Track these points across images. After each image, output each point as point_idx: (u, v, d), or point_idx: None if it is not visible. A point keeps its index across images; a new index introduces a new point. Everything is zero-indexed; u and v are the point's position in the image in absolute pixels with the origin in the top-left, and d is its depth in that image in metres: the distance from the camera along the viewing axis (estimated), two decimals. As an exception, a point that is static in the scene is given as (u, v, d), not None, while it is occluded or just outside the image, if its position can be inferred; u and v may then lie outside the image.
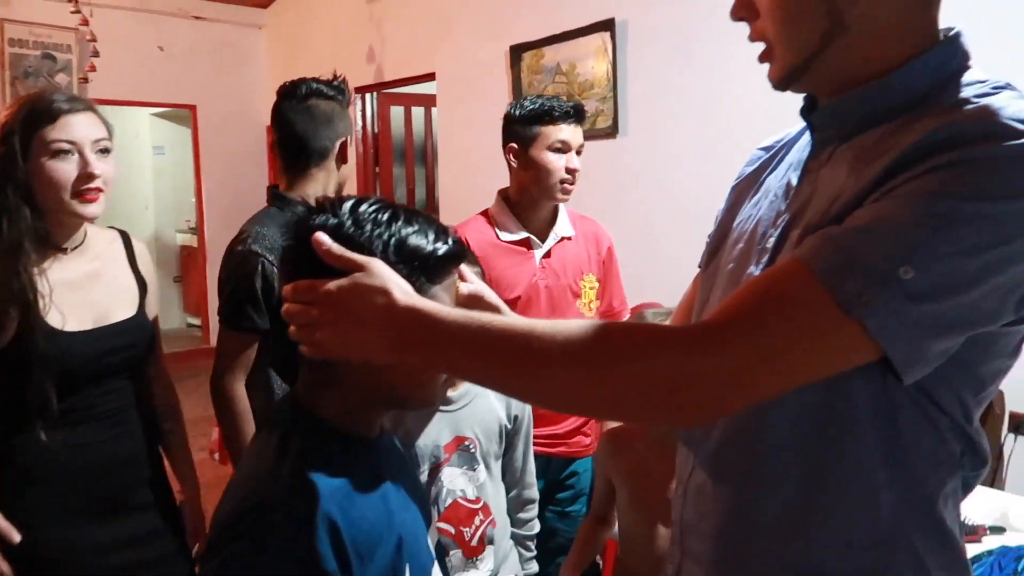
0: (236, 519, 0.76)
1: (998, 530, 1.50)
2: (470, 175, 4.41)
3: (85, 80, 4.93)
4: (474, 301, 0.94)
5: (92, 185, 1.35)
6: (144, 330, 1.47)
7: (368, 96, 5.23)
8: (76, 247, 1.42)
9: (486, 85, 4.18)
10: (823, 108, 0.81)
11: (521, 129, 1.93)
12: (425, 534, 0.95)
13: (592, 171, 3.71)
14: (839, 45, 0.74)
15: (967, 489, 0.78)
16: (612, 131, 3.53)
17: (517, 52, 3.93)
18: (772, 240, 0.80)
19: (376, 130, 5.33)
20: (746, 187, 0.96)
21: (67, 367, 1.31)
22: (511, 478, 1.58)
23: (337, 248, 0.77)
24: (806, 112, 0.84)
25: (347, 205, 0.84)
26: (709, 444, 0.82)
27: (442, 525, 1.42)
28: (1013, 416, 2.42)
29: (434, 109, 4.89)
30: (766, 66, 0.81)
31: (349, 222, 0.82)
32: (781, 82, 0.80)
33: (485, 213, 2.05)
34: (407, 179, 5.57)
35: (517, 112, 1.95)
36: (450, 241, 0.87)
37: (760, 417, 0.74)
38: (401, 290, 0.74)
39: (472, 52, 4.26)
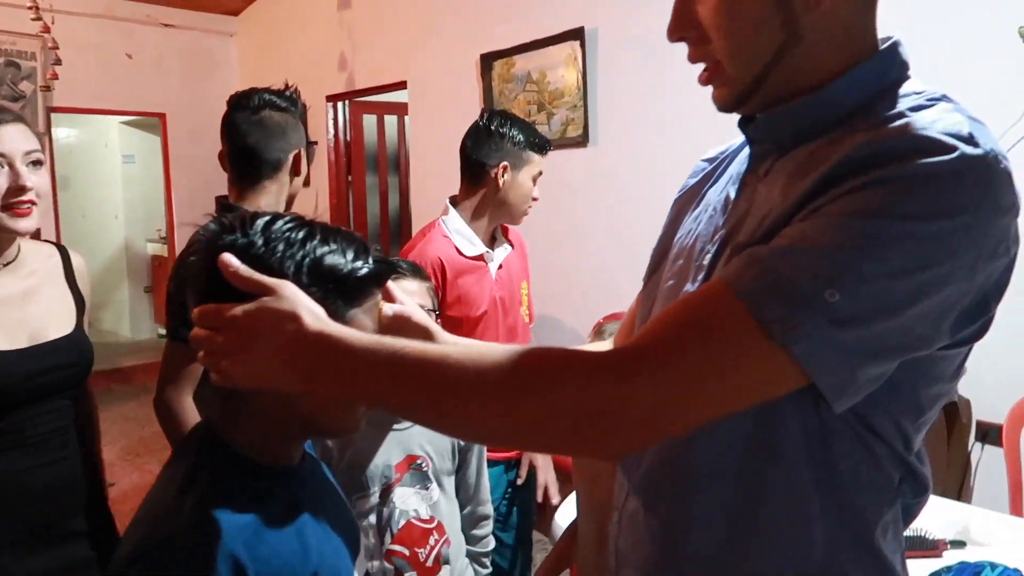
0: (134, 558, 0.72)
1: (958, 544, 1.48)
2: (442, 184, 4.36)
3: (47, 88, 4.84)
4: (401, 323, 0.90)
5: (24, 198, 1.31)
6: (83, 348, 1.42)
7: (340, 104, 5.19)
8: (9, 263, 1.37)
9: (457, 93, 4.15)
10: (759, 121, 0.78)
11: (519, 152, 1.96)
12: (350, 566, 0.91)
13: (563, 180, 3.71)
14: (790, 58, 0.70)
15: (908, 517, 0.76)
16: (583, 140, 3.52)
17: (488, 61, 3.91)
18: (708, 257, 0.77)
19: (348, 139, 5.28)
20: (687, 200, 0.93)
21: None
22: (464, 495, 1.55)
23: (245, 270, 0.73)
24: (743, 124, 0.81)
25: (259, 223, 0.79)
26: (641, 470, 0.79)
27: (396, 547, 1.38)
28: (980, 425, 2.42)
29: (407, 118, 4.85)
30: None
31: (260, 241, 0.77)
32: (731, 104, 0.76)
33: (438, 227, 2.01)
34: (380, 188, 5.53)
35: (520, 135, 1.96)
36: (371, 260, 0.83)
37: (688, 445, 0.71)
38: (312, 315, 0.70)
39: (443, 60, 4.24)
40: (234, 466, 0.81)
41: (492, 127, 1.97)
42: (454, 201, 2.03)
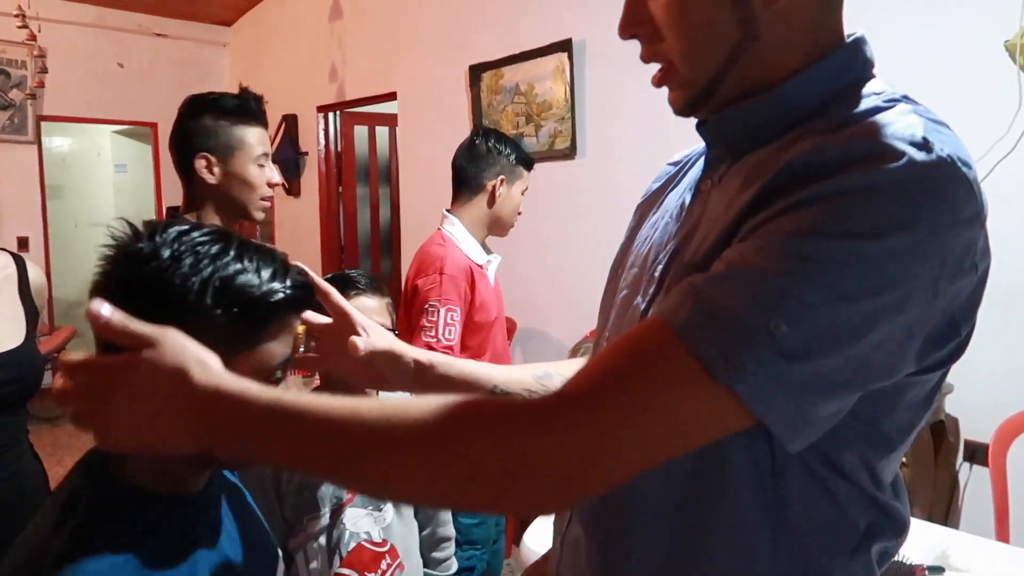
0: None
1: (937, 570, 1.43)
2: (431, 194, 4.34)
3: (32, 96, 4.82)
4: (385, 358, 0.86)
5: None
6: (31, 362, 1.37)
7: (331, 115, 5.17)
8: None
9: (446, 104, 4.12)
10: (710, 123, 0.72)
11: (512, 167, 2.07)
12: None
13: (550, 193, 3.68)
14: (748, 57, 0.65)
15: (885, 558, 0.68)
16: (570, 152, 3.49)
17: (476, 72, 3.88)
18: (660, 268, 0.71)
19: (339, 149, 5.25)
20: (649, 206, 0.87)
21: None
22: (424, 516, 1.49)
23: (119, 320, 0.62)
24: (700, 127, 0.75)
25: (172, 231, 0.73)
26: None
27: (344, 571, 1.32)
28: (968, 444, 2.37)
29: (398, 129, 4.83)
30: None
31: (167, 252, 0.71)
32: (686, 107, 0.71)
33: (449, 238, 2.06)
34: (371, 199, 5.50)
35: (513, 152, 2.08)
36: (288, 283, 0.77)
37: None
38: (202, 367, 0.61)
39: (432, 71, 4.21)
40: (118, 496, 0.74)
41: (489, 143, 2.06)
42: (452, 213, 2.10)
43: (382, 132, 5.36)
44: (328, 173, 5.25)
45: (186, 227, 0.75)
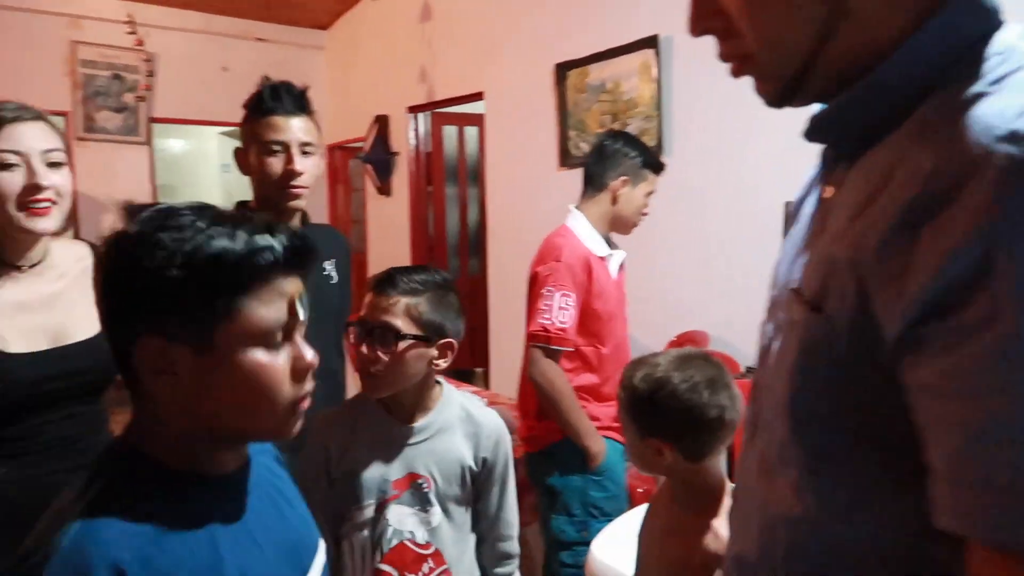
0: (9, 568, 0.68)
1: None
2: (517, 193, 4.33)
3: (141, 99, 5.09)
4: None
5: (41, 196, 1.28)
6: (108, 352, 1.41)
7: (421, 115, 5.23)
8: (34, 265, 1.35)
9: (533, 104, 4.09)
10: (812, 120, 0.64)
11: (643, 171, 2.12)
12: None
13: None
14: (840, 36, 0.58)
15: None
16: (657, 151, 3.38)
17: (562, 70, 3.83)
18: (782, 314, 0.66)
19: (429, 149, 5.31)
20: (793, 214, 0.78)
21: (10, 391, 1.25)
22: (484, 528, 1.44)
23: None
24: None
25: (151, 211, 0.74)
26: None
27: (384, 567, 1.31)
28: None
29: (485, 128, 4.84)
30: None
31: (145, 232, 0.72)
32: (777, 99, 0.64)
33: (570, 231, 2.12)
34: (460, 199, 5.54)
35: (639, 155, 2.13)
36: (259, 241, 0.74)
37: None
38: None
39: (519, 71, 4.19)
40: (141, 472, 0.75)
41: (616, 145, 2.14)
42: (577, 209, 2.17)
43: (471, 132, 5.38)
44: (418, 173, 5.32)
45: (166, 205, 0.75)
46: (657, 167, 2.18)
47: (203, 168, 7.63)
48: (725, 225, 3.15)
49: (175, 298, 0.71)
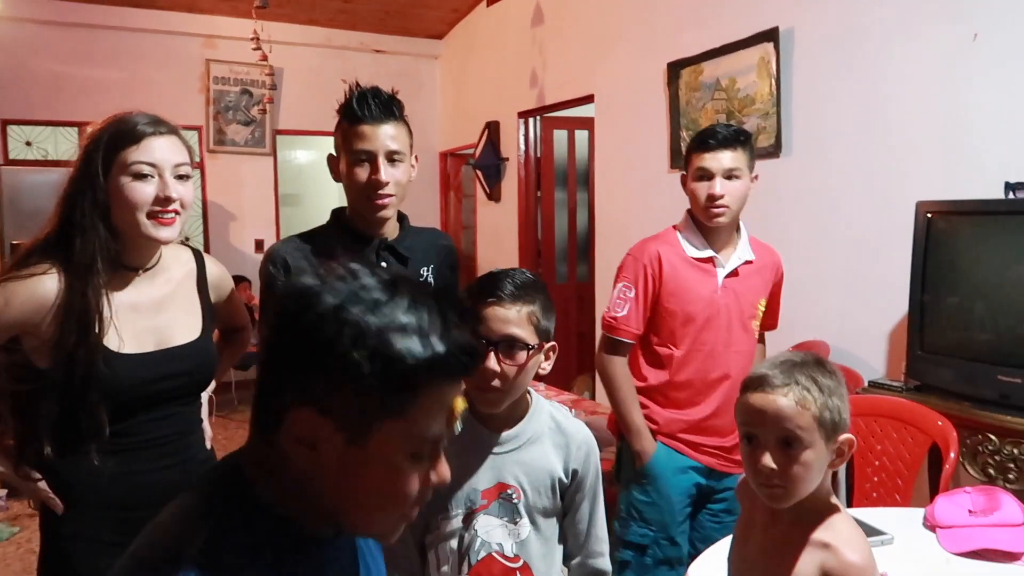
0: None
1: None
2: (627, 196, 4.23)
3: (264, 111, 5.33)
4: None
5: (169, 208, 1.34)
6: (206, 356, 1.45)
7: (531, 120, 5.22)
8: (148, 269, 1.41)
9: (644, 105, 3.99)
10: None
11: (689, 156, 2.02)
12: None
13: (753, 193, 3.41)
14: None
15: None
16: (775, 150, 3.21)
17: (675, 69, 3.71)
18: None
19: (538, 154, 5.29)
20: None
21: (120, 390, 1.30)
22: (573, 543, 1.38)
23: None
24: None
25: (341, 270, 0.70)
26: None
27: None
28: None
29: (596, 131, 4.77)
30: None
31: (331, 297, 0.67)
32: None
33: (675, 228, 2.09)
34: (569, 203, 5.48)
35: (690, 142, 2.05)
36: (449, 345, 0.68)
37: None
38: None
39: (630, 71, 4.10)
40: (256, 519, 0.71)
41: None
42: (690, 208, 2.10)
43: (581, 136, 5.33)
44: (527, 178, 5.31)
45: (358, 267, 0.71)
46: (699, 143, 1.97)
47: (325, 177, 7.88)
48: (848, 229, 2.94)
49: (348, 381, 0.66)
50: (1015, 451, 2.00)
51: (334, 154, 1.66)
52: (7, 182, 4.46)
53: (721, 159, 1.93)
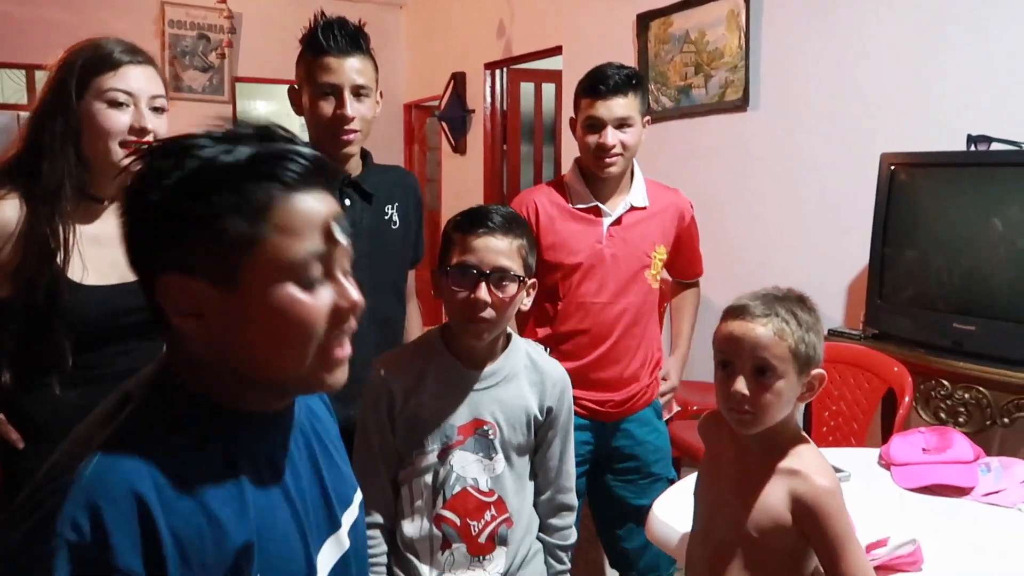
0: (29, 491, 0.64)
1: None
2: (593, 153, 4.22)
3: (223, 56, 5.19)
4: None
5: (144, 140, 1.31)
6: None
7: (498, 72, 5.15)
8: (114, 200, 1.36)
9: (612, 57, 3.90)
10: None
11: (577, 101, 1.92)
12: (301, 546, 0.77)
13: (719, 148, 3.44)
14: None
15: None
16: (742, 104, 3.23)
17: (644, 21, 3.68)
18: None
19: (505, 107, 5.24)
20: None
21: (83, 321, 1.27)
22: (544, 479, 1.41)
23: None
24: None
25: (167, 143, 0.69)
26: None
27: (446, 513, 1.29)
28: None
29: (563, 84, 4.73)
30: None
31: (163, 161, 0.67)
32: None
33: (560, 179, 2.00)
34: (535, 157, 5.46)
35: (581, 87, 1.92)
36: (281, 150, 0.68)
37: None
38: None
39: (599, 23, 4.06)
40: (174, 401, 0.70)
41: None
42: (579, 157, 2.00)
43: (548, 89, 5.28)
44: (493, 131, 5.26)
45: (179, 136, 0.70)
46: (586, 91, 1.85)
47: (288, 124, 7.77)
48: (815, 182, 2.98)
49: (187, 230, 0.66)
50: (966, 395, 2.07)
51: (296, 87, 1.61)
52: (-48, 125, 4.29)
53: (612, 107, 1.81)
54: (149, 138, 1.32)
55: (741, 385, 1.09)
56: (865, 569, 1.07)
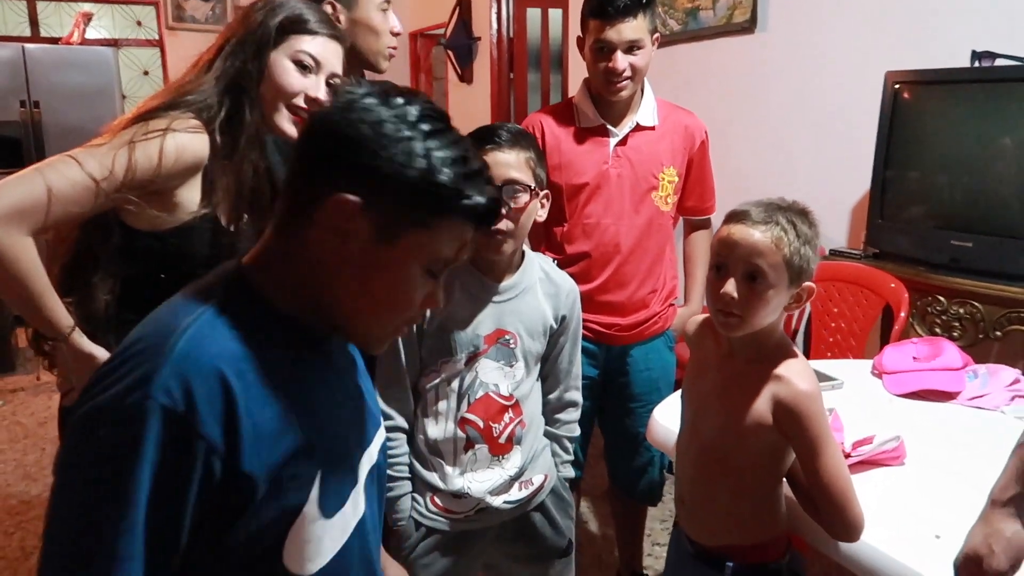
0: (114, 357, 0.70)
1: None
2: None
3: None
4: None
5: (308, 108, 1.28)
6: None
7: (503, -3, 5.07)
8: None
9: (619, -20, 3.89)
10: None
11: (582, 22, 1.85)
12: (353, 455, 0.86)
13: (726, 70, 3.41)
14: None
15: None
16: (750, 25, 3.19)
17: (652, -59, 3.61)
18: None
19: (511, 34, 5.17)
20: None
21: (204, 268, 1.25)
22: (553, 380, 1.49)
23: None
24: None
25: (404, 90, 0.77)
26: None
27: (470, 416, 1.37)
28: None
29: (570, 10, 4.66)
30: None
31: (399, 101, 0.76)
32: None
33: (569, 101, 1.98)
34: (542, 86, 5.41)
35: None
36: (486, 190, 0.79)
37: None
38: None
39: (606, -57, 3.97)
40: (256, 305, 0.76)
41: None
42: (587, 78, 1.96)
43: (555, 15, 5.20)
44: (500, 59, 5.21)
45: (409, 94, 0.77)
46: (590, 13, 1.80)
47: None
48: (821, 104, 2.97)
49: (402, 178, 0.73)
50: (960, 310, 2.13)
51: (333, 1, 1.55)
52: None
53: (622, 31, 1.75)
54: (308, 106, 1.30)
55: (731, 287, 1.12)
56: (840, 467, 1.12)
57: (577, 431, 1.56)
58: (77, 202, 1.10)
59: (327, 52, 1.30)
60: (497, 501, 1.41)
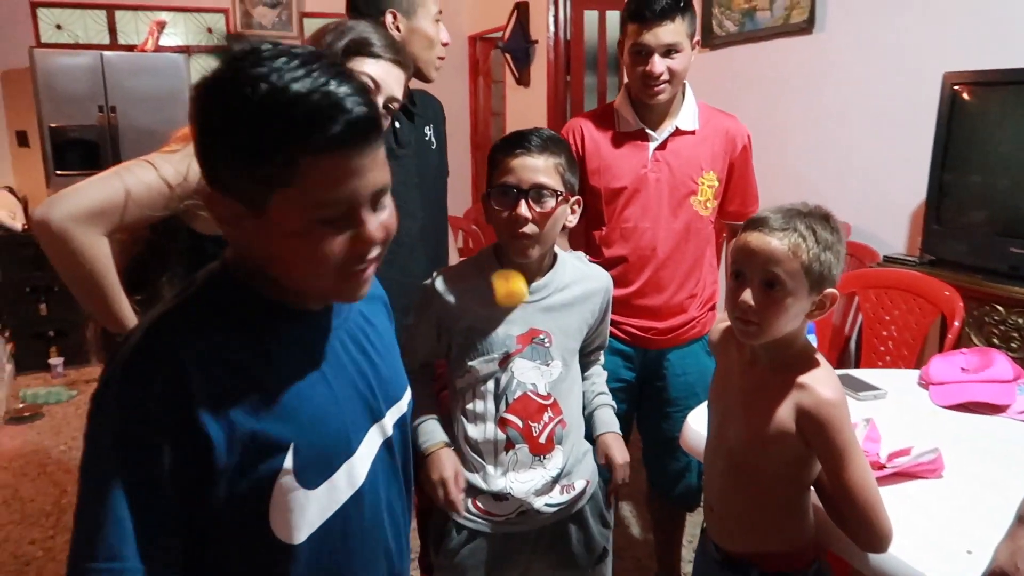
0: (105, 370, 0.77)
1: None
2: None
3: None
4: None
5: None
6: None
7: (561, 1, 5.08)
8: None
9: (675, -19, 3.86)
10: None
11: (621, 25, 1.87)
12: (343, 424, 0.86)
13: (783, 73, 3.35)
14: None
15: None
16: (808, 26, 3.14)
17: (709, -59, 3.57)
18: None
19: (568, 37, 5.18)
20: None
21: None
22: (589, 345, 1.58)
23: None
24: None
25: (254, 46, 0.71)
26: None
27: (509, 416, 1.40)
28: None
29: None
30: None
31: (248, 62, 0.70)
32: None
33: (610, 105, 1.98)
34: (599, 88, 5.40)
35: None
36: (349, 102, 0.71)
37: None
38: None
39: (662, -55, 3.94)
40: (227, 290, 0.80)
41: None
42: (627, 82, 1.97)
43: (612, 17, 5.18)
44: (557, 62, 5.21)
45: (265, 42, 0.73)
46: (628, 17, 1.80)
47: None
48: (878, 106, 2.89)
49: (233, 157, 0.71)
50: (1020, 320, 2.05)
51: (395, 10, 1.68)
52: (40, 65, 4.51)
53: (660, 34, 1.74)
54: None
55: (748, 296, 1.10)
56: (867, 478, 1.10)
57: (602, 359, 1.65)
58: (151, 205, 1.17)
59: (388, 76, 1.37)
60: (539, 503, 1.42)
